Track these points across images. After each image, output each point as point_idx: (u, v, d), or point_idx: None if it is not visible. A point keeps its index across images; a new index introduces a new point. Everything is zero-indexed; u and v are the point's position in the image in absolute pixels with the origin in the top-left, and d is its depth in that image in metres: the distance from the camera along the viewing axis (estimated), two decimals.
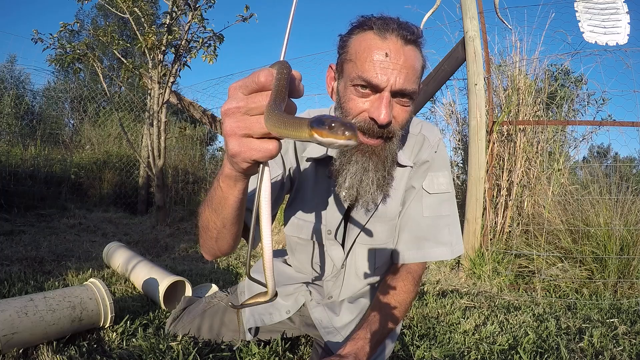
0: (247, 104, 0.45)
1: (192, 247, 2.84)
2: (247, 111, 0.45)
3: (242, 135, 0.46)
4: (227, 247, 0.74)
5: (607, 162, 4.25)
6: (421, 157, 0.96)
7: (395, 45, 0.77)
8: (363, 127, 0.79)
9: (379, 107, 0.77)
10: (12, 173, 3.82)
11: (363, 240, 0.99)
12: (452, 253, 0.96)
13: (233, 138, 0.47)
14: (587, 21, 2.45)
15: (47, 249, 2.33)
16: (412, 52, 0.78)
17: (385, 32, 0.77)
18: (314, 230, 0.99)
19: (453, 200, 0.99)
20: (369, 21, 0.80)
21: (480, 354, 1.25)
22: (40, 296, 1.11)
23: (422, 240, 0.96)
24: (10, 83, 5.61)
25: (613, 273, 2.14)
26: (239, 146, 0.46)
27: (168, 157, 4.44)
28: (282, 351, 1.09)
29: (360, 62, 0.78)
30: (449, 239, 0.96)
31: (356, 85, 0.78)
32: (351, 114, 0.80)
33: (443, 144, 1.00)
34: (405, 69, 0.77)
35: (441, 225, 0.96)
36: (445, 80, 2.70)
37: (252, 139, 0.46)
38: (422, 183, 0.96)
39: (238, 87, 0.46)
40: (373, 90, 0.78)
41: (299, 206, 1.00)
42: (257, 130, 0.45)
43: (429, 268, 2.62)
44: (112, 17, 11.98)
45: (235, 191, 0.59)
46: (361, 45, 0.79)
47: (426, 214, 0.96)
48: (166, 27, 3.40)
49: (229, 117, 0.46)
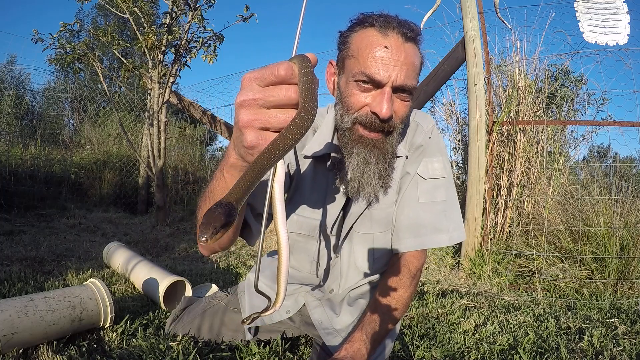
0: (265, 97, 0.44)
1: (192, 247, 2.84)
2: (264, 104, 0.45)
3: (259, 128, 0.46)
4: (225, 241, 0.73)
5: (607, 162, 4.25)
6: (415, 143, 0.96)
7: (397, 42, 0.79)
8: (365, 120, 0.81)
9: (380, 102, 0.79)
10: (12, 173, 3.82)
11: (360, 229, 0.98)
12: (450, 240, 0.95)
13: (250, 130, 0.46)
14: (587, 21, 2.45)
15: (47, 249, 2.33)
16: (412, 49, 0.81)
17: (387, 29, 0.79)
18: (313, 226, 0.99)
19: (449, 186, 0.98)
20: (370, 18, 0.82)
21: (480, 354, 1.25)
22: (40, 296, 1.11)
23: (419, 227, 0.95)
24: (10, 83, 5.61)
25: (613, 273, 2.14)
26: (257, 139, 0.46)
27: (168, 157, 4.44)
28: (282, 351, 1.09)
29: (363, 58, 0.79)
30: (446, 225, 0.95)
31: (358, 80, 0.80)
32: (353, 108, 0.82)
33: (437, 131, 1.00)
34: (406, 66, 0.79)
35: (437, 211, 0.95)
36: (445, 80, 2.70)
37: (270, 132, 0.46)
38: (416, 169, 0.96)
39: (253, 78, 0.45)
40: (375, 86, 0.80)
41: (298, 203, 1.00)
42: (274, 124, 0.45)
43: (428, 268, 2.62)
44: (112, 17, 11.98)
45: None
46: (363, 42, 0.80)
47: (422, 199, 0.95)
48: (166, 27, 3.40)
49: (245, 108, 0.46)
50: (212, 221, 0.39)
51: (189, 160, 5.21)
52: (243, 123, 0.46)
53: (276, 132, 0.45)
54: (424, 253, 0.99)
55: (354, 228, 0.99)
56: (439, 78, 2.65)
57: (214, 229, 0.38)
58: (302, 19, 0.53)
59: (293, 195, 1.01)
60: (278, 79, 0.44)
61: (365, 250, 1.01)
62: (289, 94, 0.44)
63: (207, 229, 0.38)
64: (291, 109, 0.45)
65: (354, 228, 0.99)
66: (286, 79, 0.44)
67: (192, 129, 5.59)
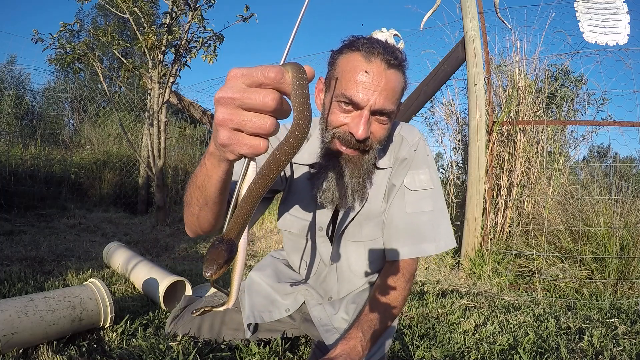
0: (243, 97, 0.43)
1: (192, 247, 2.84)
2: (241, 104, 0.44)
3: (233, 129, 0.45)
4: (207, 225, 0.74)
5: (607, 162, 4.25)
6: (399, 156, 1.00)
7: (379, 69, 0.83)
8: (342, 137, 0.86)
9: (357, 123, 0.83)
10: (12, 173, 3.82)
11: (352, 237, 1.02)
12: (436, 248, 0.98)
13: (224, 129, 0.46)
14: (587, 21, 2.45)
15: (47, 249, 2.33)
16: (394, 76, 0.85)
17: (371, 55, 0.83)
18: (303, 226, 1.04)
19: (436, 197, 1.00)
20: (358, 42, 0.86)
21: (480, 354, 1.25)
22: (40, 296, 1.11)
23: (406, 237, 0.98)
24: (10, 83, 5.61)
25: (613, 273, 2.14)
26: (229, 138, 0.46)
27: (168, 157, 4.44)
28: (282, 351, 1.09)
29: (345, 80, 0.84)
30: (432, 235, 0.98)
31: (340, 101, 0.85)
32: (332, 125, 0.87)
33: (424, 143, 1.03)
34: (385, 91, 0.83)
35: (424, 222, 0.98)
36: (445, 80, 2.70)
37: (243, 134, 0.45)
38: (402, 180, 0.99)
39: (240, 75, 0.44)
40: (354, 107, 0.84)
41: (292, 203, 1.04)
42: (248, 127, 0.44)
43: (428, 268, 2.62)
44: (112, 17, 11.99)
45: (219, 171, 0.58)
46: (347, 65, 0.85)
47: (409, 210, 0.98)
48: (166, 27, 3.40)
49: (222, 106, 0.45)
50: (216, 257, 0.44)
51: (189, 160, 5.20)
52: (218, 121, 0.46)
53: (251, 136, 0.45)
54: (415, 260, 1.01)
55: (346, 236, 1.02)
56: (439, 78, 2.66)
57: (218, 265, 0.44)
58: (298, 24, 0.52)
59: (287, 196, 1.06)
60: (267, 80, 0.43)
61: (360, 257, 1.05)
62: (266, 99, 0.43)
63: (211, 265, 0.44)
64: (267, 116, 0.44)
65: (347, 237, 1.02)
66: (275, 82, 0.43)
67: (192, 129, 5.59)
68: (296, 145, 0.44)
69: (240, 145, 0.46)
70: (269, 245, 3.09)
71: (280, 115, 0.45)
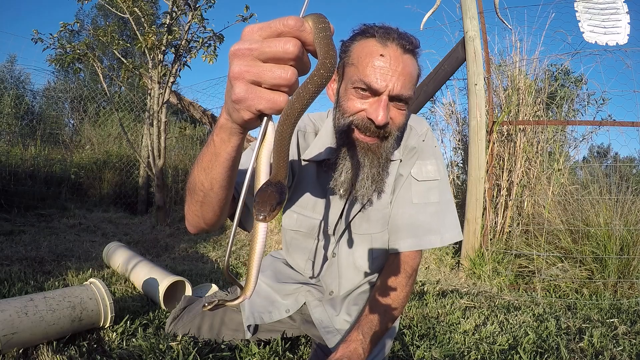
0: (261, 47, 0.41)
1: (192, 247, 2.84)
2: (259, 55, 0.41)
3: (250, 82, 0.42)
4: (212, 215, 0.69)
5: (607, 162, 4.25)
6: (408, 145, 0.98)
7: (395, 53, 0.82)
8: (360, 124, 0.84)
9: (377, 109, 0.81)
10: (12, 173, 3.82)
11: (358, 230, 1.00)
12: (442, 241, 0.96)
13: (240, 82, 0.42)
14: (587, 21, 2.45)
15: (47, 249, 2.33)
16: (410, 61, 0.84)
17: (387, 40, 0.82)
18: (312, 225, 1.01)
19: (443, 188, 0.99)
20: (372, 29, 0.85)
21: (480, 354, 1.25)
22: (40, 296, 1.11)
23: (412, 228, 0.97)
24: (10, 83, 5.61)
25: (613, 273, 2.14)
26: (246, 92, 0.42)
27: (168, 157, 4.44)
28: (282, 351, 1.09)
29: (362, 66, 0.82)
30: (438, 227, 0.97)
31: (357, 87, 0.83)
32: (349, 111, 0.84)
33: (431, 134, 1.02)
34: (403, 76, 0.82)
35: (430, 213, 0.97)
36: (445, 80, 2.70)
37: (261, 88, 0.43)
38: (410, 170, 0.98)
39: (257, 28, 0.42)
40: (372, 94, 0.82)
41: (299, 201, 1.02)
42: (268, 78, 0.41)
43: (428, 268, 2.62)
44: (112, 17, 11.99)
45: (228, 147, 0.55)
46: (363, 51, 0.84)
47: (415, 201, 0.97)
48: (166, 27, 3.40)
49: (238, 58, 0.42)
50: (268, 199, 0.40)
51: (189, 160, 5.20)
52: (234, 74, 0.43)
53: (269, 89, 0.42)
54: (419, 253, 1.00)
55: (352, 229, 1.00)
56: (439, 78, 2.65)
57: (271, 206, 0.39)
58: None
59: (293, 195, 1.03)
60: (287, 27, 0.40)
61: (364, 251, 1.02)
62: (287, 46, 0.40)
63: (264, 207, 0.39)
64: (288, 65, 0.42)
65: (352, 229, 1.00)
66: (295, 30, 0.40)
67: (192, 129, 5.59)
68: (321, 83, 0.41)
69: (258, 100, 0.42)
70: (269, 245, 3.09)
71: (300, 67, 0.43)
